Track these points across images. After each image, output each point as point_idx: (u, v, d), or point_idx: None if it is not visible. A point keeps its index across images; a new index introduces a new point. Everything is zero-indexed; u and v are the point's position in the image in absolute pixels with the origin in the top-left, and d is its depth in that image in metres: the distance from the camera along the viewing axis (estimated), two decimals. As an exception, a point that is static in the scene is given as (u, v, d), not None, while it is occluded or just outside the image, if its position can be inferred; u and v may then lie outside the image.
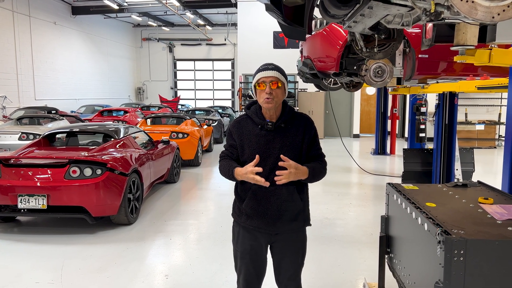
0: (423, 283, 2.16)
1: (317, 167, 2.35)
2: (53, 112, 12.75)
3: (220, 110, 17.33)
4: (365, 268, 4.14)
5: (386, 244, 2.91)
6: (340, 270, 4.11)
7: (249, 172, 2.20)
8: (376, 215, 5.86)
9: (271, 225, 2.35)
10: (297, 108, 15.47)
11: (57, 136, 6.38)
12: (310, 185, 2.47)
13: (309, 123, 2.42)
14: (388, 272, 2.93)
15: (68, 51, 18.57)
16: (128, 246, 4.71)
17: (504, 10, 1.39)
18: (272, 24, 14.90)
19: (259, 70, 2.34)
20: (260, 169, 2.20)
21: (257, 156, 2.23)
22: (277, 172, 2.20)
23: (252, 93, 2.41)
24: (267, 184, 2.19)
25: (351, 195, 7.33)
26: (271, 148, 2.32)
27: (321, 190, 7.47)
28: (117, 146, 5.76)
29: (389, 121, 12.09)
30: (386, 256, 2.94)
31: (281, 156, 2.22)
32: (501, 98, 13.78)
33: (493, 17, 1.39)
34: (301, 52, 6.86)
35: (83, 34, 19.84)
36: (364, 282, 3.62)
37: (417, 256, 2.27)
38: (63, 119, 10.56)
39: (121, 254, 4.48)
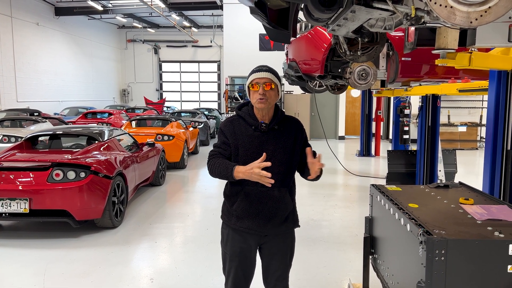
0: (406, 283, 2.20)
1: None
2: (35, 114, 12.54)
3: (206, 112, 17.28)
4: (350, 268, 4.18)
5: (370, 244, 2.94)
6: (326, 271, 4.13)
7: (256, 167, 2.13)
8: (361, 216, 5.91)
9: (262, 227, 2.36)
10: (284, 110, 15.54)
11: (40, 138, 6.29)
12: (296, 186, 2.50)
13: (300, 126, 2.47)
14: (372, 273, 2.97)
15: (51, 53, 18.32)
16: (113, 249, 4.66)
17: (481, 16, 1.42)
18: (258, 26, 14.89)
19: (253, 71, 2.36)
20: (269, 164, 2.15)
21: (264, 154, 2.20)
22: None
23: (246, 94, 2.41)
24: (272, 181, 2.13)
25: (337, 196, 7.38)
26: (264, 149, 2.31)
27: (307, 191, 7.51)
28: (101, 149, 5.70)
29: (373, 123, 12.23)
30: (370, 256, 2.97)
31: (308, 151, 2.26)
32: (482, 101, 14.06)
33: (471, 22, 1.43)
34: (287, 54, 6.90)
35: (66, 35, 19.59)
36: (349, 283, 3.66)
37: (400, 256, 2.30)
38: (46, 121, 10.40)
39: (105, 258, 4.43)
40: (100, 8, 17.51)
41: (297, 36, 5.72)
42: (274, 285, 2.49)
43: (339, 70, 5.19)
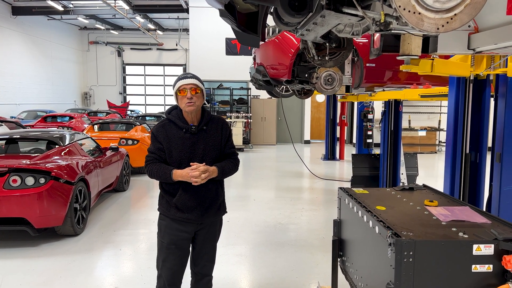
0: (375, 285, 2.23)
1: (227, 165, 2.67)
2: (-10, 117, 11.94)
3: (171, 116, 17.02)
4: (318, 271, 4.21)
5: (339, 247, 2.97)
6: (294, 274, 4.15)
7: (192, 172, 2.49)
8: (327, 219, 5.99)
9: (200, 217, 2.63)
10: (250, 114, 15.57)
11: (-5, 143, 5.98)
12: (263, 190, 2.56)
13: (225, 124, 2.76)
14: (340, 275, 2.99)
15: (8, 53, 17.51)
16: (75, 258, 4.48)
17: (447, 22, 1.47)
18: (224, 30, 14.92)
19: (179, 79, 2.61)
20: (202, 165, 2.52)
21: (199, 164, 2.54)
22: (193, 180, 2.50)
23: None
24: (201, 181, 2.51)
25: (303, 199, 7.45)
26: (196, 149, 2.60)
27: (274, 195, 7.53)
28: (62, 154, 5.49)
29: (338, 128, 12.46)
30: (338, 259, 3.00)
31: (191, 164, 2.53)
32: (441, 106, 14.65)
33: (438, 29, 1.47)
34: (254, 59, 6.92)
35: (24, 36, 18.80)
36: (318, 286, 3.68)
37: (369, 258, 2.33)
38: (2, 125, 9.94)
39: (67, 267, 4.26)
40: (60, 8, 16.92)
41: (265, 41, 5.75)
42: (203, 265, 2.78)
43: (306, 75, 5.26)
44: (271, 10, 2.62)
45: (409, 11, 1.43)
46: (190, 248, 2.78)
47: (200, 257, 2.77)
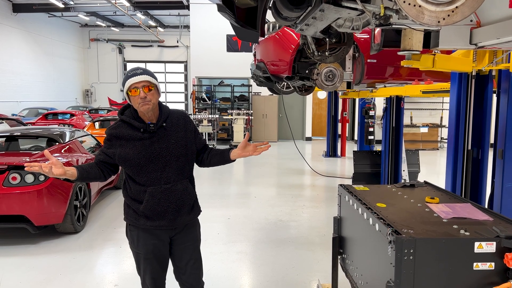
0: (375, 283, 2.20)
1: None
2: (-9, 115, 11.93)
3: (172, 113, 16.99)
4: (318, 269, 4.19)
5: (339, 245, 2.95)
6: (294, 272, 4.12)
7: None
8: (328, 216, 5.97)
9: (172, 221, 2.41)
10: (251, 111, 15.53)
11: (-5, 140, 5.97)
12: (264, 187, 2.51)
13: (188, 118, 2.54)
14: (341, 273, 2.97)
15: (9, 51, 17.51)
16: (75, 255, 4.47)
17: (448, 15, 1.44)
18: (225, 27, 14.83)
19: (128, 77, 2.33)
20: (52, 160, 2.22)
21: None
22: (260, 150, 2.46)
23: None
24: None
25: (304, 197, 7.42)
26: (158, 148, 2.36)
27: (275, 192, 7.51)
28: (62, 151, 5.47)
29: (339, 124, 12.41)
30: (339, 256, 2.97)
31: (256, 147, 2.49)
32: (443, 102, 14.57)
33: (438, 22, 1.44)
34: (255, 55, 6.88)
35: (25, 33, 18.78)
36: (318, 284, 3.66)
37: (369, 256, 2.31)
38: (3, 122, 9.93)
39: (66, 264, 4.25)
40: (61, 5, 16.90)
41: (265, 37, 5.71)
42: (190, 274, 2.56)
43: (307, 71, 5.22)
44: (270, 5, 2.59)
45: (409, 4, 1.40)
46: (170, 257, 2.58)
47: (184, 264, 2.54)
